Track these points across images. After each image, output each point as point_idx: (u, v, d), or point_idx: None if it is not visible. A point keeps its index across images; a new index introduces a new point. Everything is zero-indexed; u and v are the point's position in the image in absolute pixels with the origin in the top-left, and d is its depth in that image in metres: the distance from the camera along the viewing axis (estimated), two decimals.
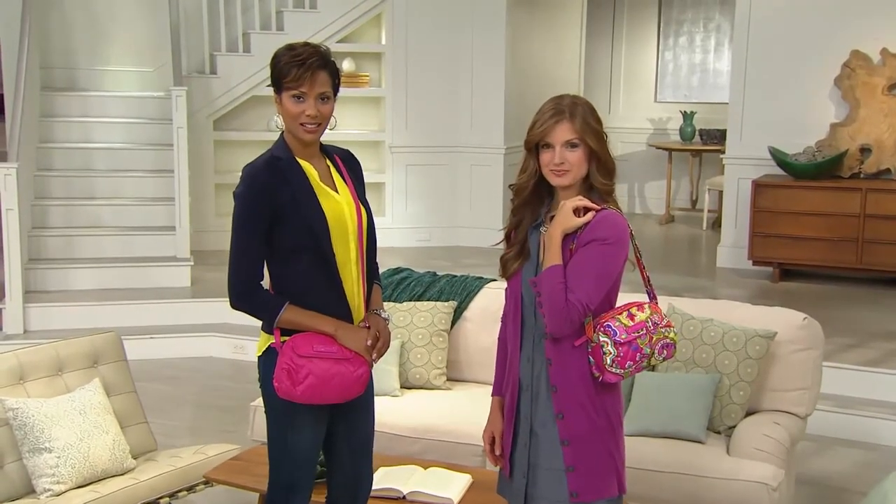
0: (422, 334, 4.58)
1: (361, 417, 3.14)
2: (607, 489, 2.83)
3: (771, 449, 3.82)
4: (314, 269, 2.95)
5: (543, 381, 2.83)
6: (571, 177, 2.80)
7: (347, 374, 2.93)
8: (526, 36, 9.58)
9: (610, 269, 2.76)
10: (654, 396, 4.10)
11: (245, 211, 2.92)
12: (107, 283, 7.33)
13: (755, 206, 7.93)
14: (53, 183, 7.84)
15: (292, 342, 2.93)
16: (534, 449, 2.86)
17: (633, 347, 2.76)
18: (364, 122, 9.34)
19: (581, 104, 2.85)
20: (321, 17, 8.83)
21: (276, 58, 2.96)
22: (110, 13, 8.84)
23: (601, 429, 2.83)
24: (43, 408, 3.78)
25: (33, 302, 6.97)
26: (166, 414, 5.59)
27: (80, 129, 8.25)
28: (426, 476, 3.60)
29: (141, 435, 4.14)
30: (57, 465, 3.69)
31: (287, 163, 2.96)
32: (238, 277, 2.94)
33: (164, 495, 3.82)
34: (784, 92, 8.16)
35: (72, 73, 8.78)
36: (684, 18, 11.26)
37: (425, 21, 9.02)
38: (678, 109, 10.99)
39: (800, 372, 4.14)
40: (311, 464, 3.05)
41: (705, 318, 4.26)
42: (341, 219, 2.99)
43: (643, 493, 3.77)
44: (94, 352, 4.17)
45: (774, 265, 7.99)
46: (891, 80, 7.76)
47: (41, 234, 7.50)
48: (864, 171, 7.88)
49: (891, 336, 6.42)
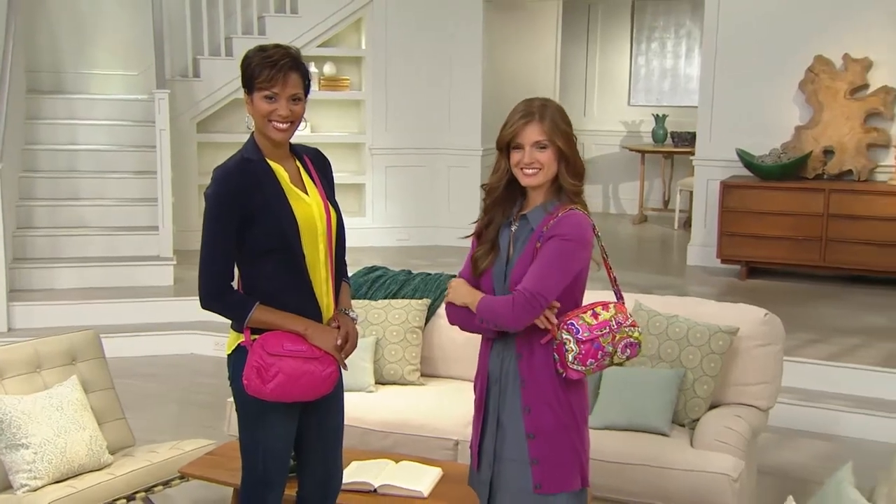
0: (396, 331, 4.55)
1: (332, 413, 3.12)
2: (570, 482, 2.83)
3: (733, 441, 3.82)
4: (284, 270, 2.93)
5: (512, 375, 2.83)
6: (541, 177, 2.80)
7: (317, 372, 2.91)
8: (503, 41, 9.58)
9: (567, 264, 2.75)
10: (621, 390, 4.09)
11: (216, 212, 2.88)
12: (91, 282, 7.28)
13: (723, 206, 7.96)
14: (39, 184, 7.78)
15: (262, 341, 2.90)
16: (500, 441, 2.87)
17: (595, 345, 2.76)
18: (345, 125, 9.33)
19: (551, 106, 2.85)
20: (302, 21, 8.79)
21: (248, 59, 2.92)
22: (96, 18, 8.79)
23: (566, 424, 2.83)
24: (20, 404, 3.73)
25: (18, 301, 6.90)
26: (148, 410, 5.54)
27: (66, 132, 8.20)
28: (397, 470, 3.58)
29: (119, 431, 4.09)
30: (34, 460, 3.64)
31: (258, 165, 2.93)
32: (209, 278, 2.92)
33: (141, 490, 3.77)
34: (751, 96, 8.18)
35: (58, 76, 8.73)
36: (656, 25, 11.28)
37: (404, 26, 9.00)
38: (650, 113, 11.01)
39: (761, 366, 4.14)
40: (283, 460, 3.02)
41: (671, 314, 4.25)
42: (311, 221, 2.96)
43: (609, 484, 3.77)
44: (72, 349, 4.12)
45: (742, 263, 8.01)
46: (852, 84, 7.79)
47: (26, 234, 7.44)
48: (828, 172, 7.90)
49: (852, 332, 6.44)
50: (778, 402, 5.40)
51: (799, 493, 3.40)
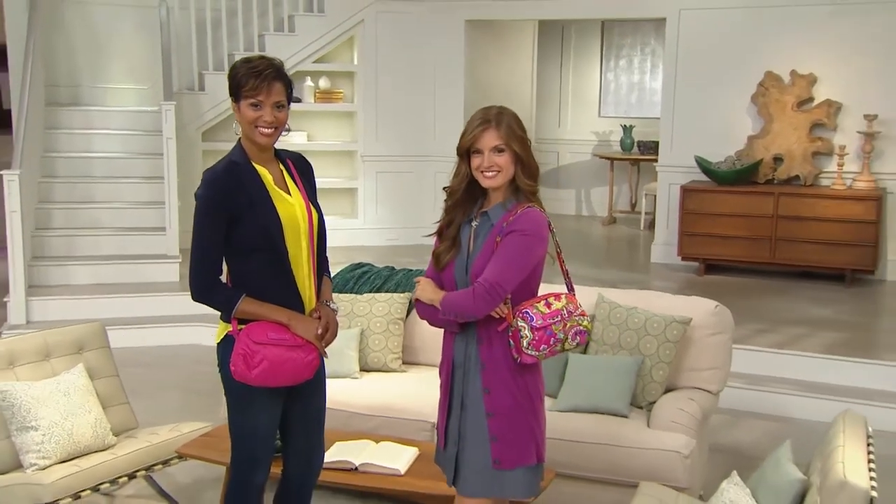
0: (380, 322, 4.52)
1: (314, 398, 3.08)
2: (526, 458, 2.83)
3: (685, 421, 3.80)
4: (269, 265, 2.89)
5: (473, 360, 2.83)
6: (500, 178, 2.80)
7: (299, 359, 2.87)
8: (483, 58, 9.55)
9: (524, 256, 2.74)
10: (584, 376, 4.07)
11: (205, 212, 2.84)
12: (103, 278, 7.22)
13: (683, 208, 7.96)
14: (56, 188, 7.71)
15: (248, 330, 2.86)
16: (463, 421, 2.86)
17: (547, 332, 2.77)
18: (338, 134, 9.27)
19: (507, 114, 2.84)
20: (299, 39, 8.73)
21: (235, 69, 2.89)
22: (110, 37, 8.71)
23: (522, 405, 2.83)
24: (30, 390, 3.69)
25: (36, 296, 6.86)
26: (154, 396, 5.49)
27: (82, 140, 8.12)
28: (377, 449, 3.56)
29: (122, 414, 4.05)
30: (42, 441, 3.61)
31: (244, 168, 2.89)
32: (198, 273, 2.87)
33: (141, 469, 3.74)
34: (708, 108, 8.20)
35: (75, 90, 8.66)
36: (624, 43, 11.25)
37: (393, 44, 8.95)
38: (619, 123, 10.97)
39: (712, 353, 4.12)
40: (268, 440, 2.99)
41: (630, 306, 4.24)
42: (294, 219, 2.92)
43: (572, 462, 3.77)
44: (79, 340, 4.08)
45: (700, 261, 8.01)
46: (799, 97, 7.80)
47: (44, 234, 7.38)
48: (777, 177, 7.91)
49: (798, 322, 6.44)
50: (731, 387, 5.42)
51: (745, 468, 3.37)
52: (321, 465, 3.18)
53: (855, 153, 7.66)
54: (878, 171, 7.64)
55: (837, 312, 6.72)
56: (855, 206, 7.41)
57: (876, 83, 7.60)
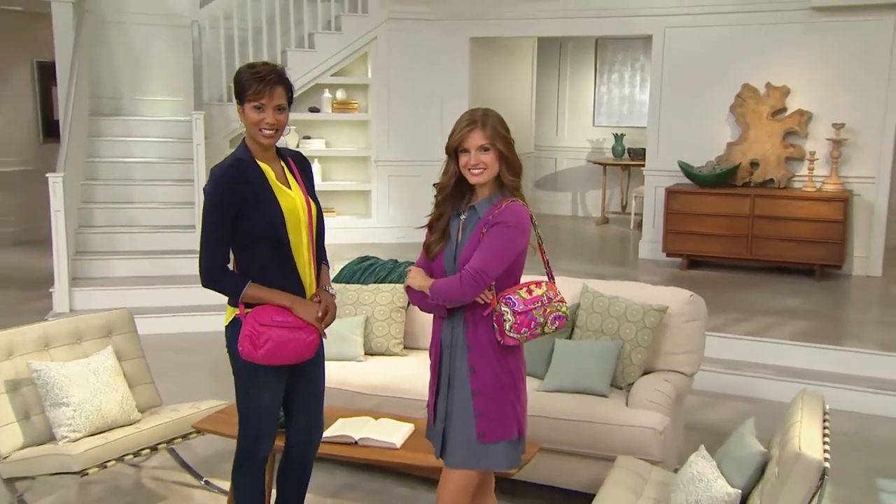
0: (383, 310, 4.49)
1: (314, 376, 3.06)
2: (509, 432, 2.80)
3: (660, 400, 3.75)
4: (272, 253, 2.86)
5: (460, 343, 2.79)
6: (486, 175, 2.76)
7: (301, 340, 2.85)
8: (487, 72, 9.50)
9: (508, 246, 2.70)
10: (569, 359, 4.02)
11: (213, 205, 2.81)
12: (139, 271, 7.23)
13: (668, 209, 7.91)
14: (98, 190, 7.72)
15: (254, 313, 2.83)
16: (451, 398, 2.83)
17: (529, 317, 2.73)
18: (354, 141, 9.24)
19: (491, 115, 2.80)
20: (318, 55, 8.71)
21: (239, 74, 2.85)
22: (148, 54, 8.71)
23: (505, 384, 2.79)
24: (63, 369, 3.69)
25: (79, 287, 6.88)
26: (181, 377, 5.48)
27: (122, 147, 8.13)
28: (376, 426, 3.52)
29: (147, 393, 4.05)
30: (73, 416, 3.61)
31: (249, 164, 2.86)
32: (208, 262, 2.85)
33: (162, 442, 3.73)
34: (690, 117, 8.14)
35: (117, 101, 8.67)
36: (616, 59, 11.18)
37: (403, 59, 8.92)
38: (611, 132, 10.92)
39: (686, 338, 4.06)
40: (272, 415, 2.96)
41: (612, 295, 4.18)
42: (295, 212, 2.89)
43: (557, 437, 3.73)
44: (108, 324, 4.07)
45: (683, 257, 7.95)
46: (773, 108, 7.73)
47: (87, 231, 7.39)
48: (753, 180, 7.84)
49: (770, 312, 6.37)
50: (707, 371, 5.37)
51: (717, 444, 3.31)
52: (320, 439, 3.15)
53: (824, 158, 7.59)
54: (845, 175, 7.57)
55: (806, 304, 6.65)
56: (824, 207, 7.33)
57: (844, 94, 7.53)
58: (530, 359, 4.05)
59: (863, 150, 7.52)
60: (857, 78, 7.47)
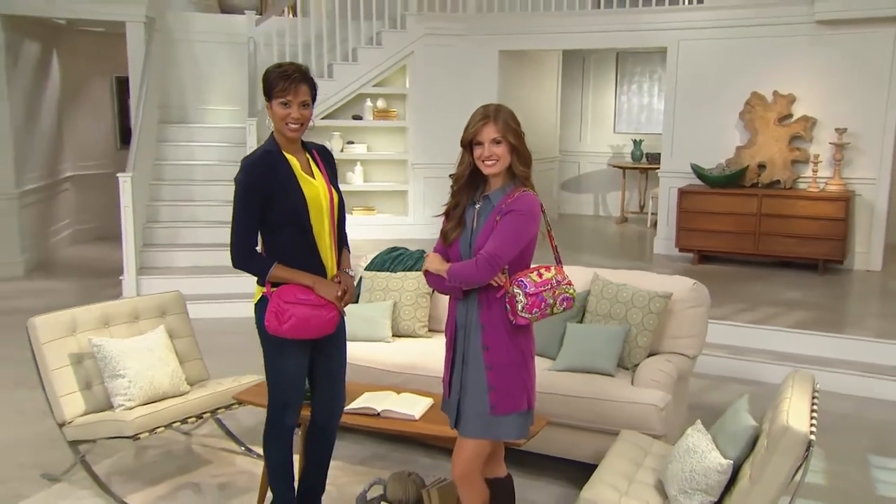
0: (410, 296, 4.45)
1: (336, 351, 3.03)
2: (519, 404, 2.74)
3: (662, 380, 3.67)
4: (297, 238, 2.84)
5: (474, 322, 2.74)
6: (498, 166, 2.71)
7: (321, 316, 2.82)
8: (515, 83, 9.42)
9: (520, 232, 2.64)
10: (579, 341, 3.95)
11: (243, 193, 2.79)
12: (199, 262, 7.26)
13: (680, 207, 7.77)
14: (164, 189, 7.80)
15: (279, 292, 2.81)
16: (465, 373, 2.77)
17: (539, 298, 2.66)
18: (393, 146, 9.22)
19: (503, 110, 2.75)
20: (361, 67, 8.71)
21: (268, 73, 2.83)
22: (210, 68, 8.80)
23: (516, 360, 2.73)
24: (120, 345, 3.72)
25: (145, 275, 6.95)
26: (233, 356, 5.48)
27: (186, 151, 8.21)
28: (398, 399, 3.48)
29: (196, 368, 4.06)
30: (129, 387, 3.63)
31: (276, 156, 2.83)
32: (238, 245, 2.83)
33: (207, 411, 3.73)
34: (702, 123, 7.99)
35: (183, 110, 8.77)
36: (635, 71, 11.02)
37: (438, 71, 8.88)
38: (630, 138, 10.77)
39: (690, 323, 3.97)
40: (298, 386, 2.93)
41: (621, 283, 4.10)
42: (317, 200, 2.86)
43: (566, 413, 3.67)
44: (162, 306, 4.10)
45: (695, 252, 7.80)
46: (780, 114, 7.55)
47: (153, 226, 7.47)
48: (761, 181, 7.66)
49: (774, 303, 6.22)
50: (713, 356, 5.27)
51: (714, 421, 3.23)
52: (342, 408, 3.11)
53: (827, 161, 7.39)
54: (847, 177, 7.36)
55: (809, 295, 6.47)
56: (827, 206, 7.14)
57: (846, 102, 7.33)
58: (544, 341, 4.01)
59: (864, 153, 7.30)
60: (859, 86, 7.26)
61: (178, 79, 8.71)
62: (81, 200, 9.83)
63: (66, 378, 3.63)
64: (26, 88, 8.30)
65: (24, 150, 8.16)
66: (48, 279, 7.80)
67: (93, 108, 10.09)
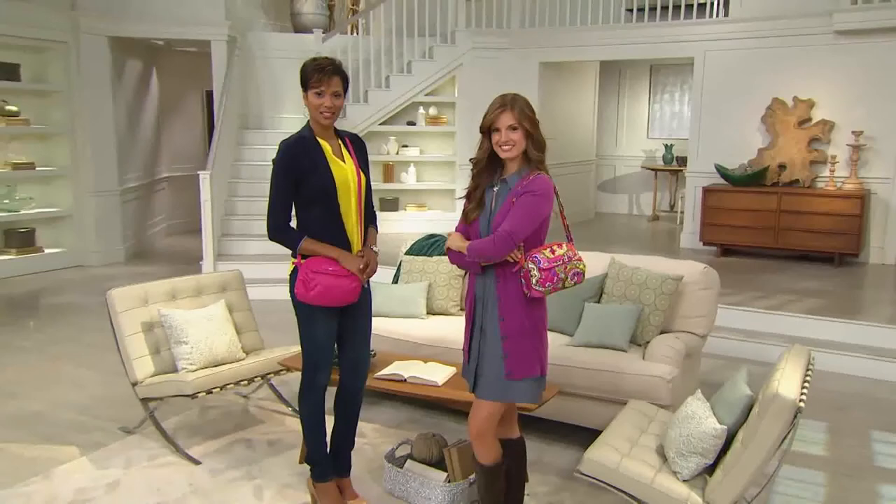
0: (444, 278, 4.40)
1: (360, 318, 2.98)
2: (532, 370, 2.66)
3: (671, 354, 3.54)
4: (326, 215, 2.81)
5: (491, 295, 2.67)
6: (515, 151, 2.63)
7: (345, 286, 2.79)
8: (555, 93, 9.26)
9: (535, 212, 2.55)
10: (595, 319, 3.83)
11: (279, 172, 2.77)
12: (268, 250, 7.24)
13: (705, 204, 7.52)
14: (241, 186, 7.90)
15: (307, 263, 2.79)
16: (483, 342, 2.70)
17: (552, 273, 2.58)
18: (442, 149, 9.16)
19: (519, 99, 2.67)
20: (414, 79, 8.68)
21: (304, 66, 2.81)
22: (284, 80, 8.86)
23: (529, 329, 2.65)
24: (184, 315, 3.75)
25: (222, 261, 7.04)
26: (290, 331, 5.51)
27: (260, 153, 8.27)
28: (425, 367, 3.44)
29: (252, 339, 4.07)
30: (191, 353, 3.67)
31: (310, 140, 2.81)
32: (274, 219, 2.82)
33: (258, 375, 3.74)
34: (726, 126, 7.71)
35: (259, 117, 8.88)
36: (667, 81, 10.73)
37: (484, 81, 8.76)
38: (662, 143, 10.49)
39: (699, 304, 3.82)
40: (327, 349, 2.89)
41: (635, 266, 3.97)
42: (346, 181, 2.83)
43: (581, 383, 3.56)
44: (223, 282, 4.12)
45: (718, 245, 7.54)
46: (800, 118, 7.24)
47: (230, 218, 7.57)
48: (781, 181, 7.36)
49: (789, 291, 5.95)
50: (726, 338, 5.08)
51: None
52: (367, 371, 3.06)
53: (844, 162, 7.06)
54: (863, 176, 7.02)
55: (823, 285, 6.18)
56: (844, 203, 6.81)
57: (862, 106, 6.98)
58: (563, 319, 3.91)
59: (879, 154, 6.94)
60: (875, 92, 6.91)
61: (255, 90, 8.83)
62: (175, 198, 10.08)
63: (138, 343, 3.68)
64: (129, 101, 8.54)
65: (126, 154, 8.40)
66: (144, 265, 8.02)
67: (186, 118, 10.34)
